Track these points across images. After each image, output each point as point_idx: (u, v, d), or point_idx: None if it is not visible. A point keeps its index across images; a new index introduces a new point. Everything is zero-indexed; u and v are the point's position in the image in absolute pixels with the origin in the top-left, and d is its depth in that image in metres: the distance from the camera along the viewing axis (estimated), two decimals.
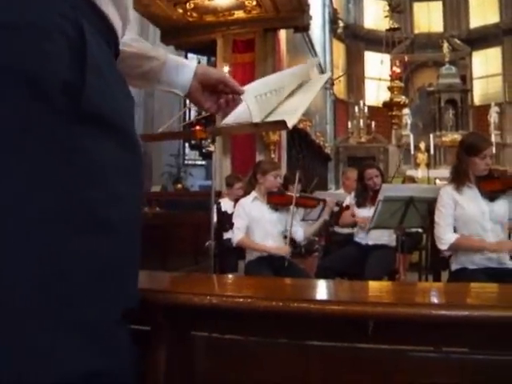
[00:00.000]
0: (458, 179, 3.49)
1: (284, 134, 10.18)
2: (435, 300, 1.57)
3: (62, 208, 0.90)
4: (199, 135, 1.56)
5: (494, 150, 11.51)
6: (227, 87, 1.48)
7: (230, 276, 3.91)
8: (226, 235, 4.52)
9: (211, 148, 3.51)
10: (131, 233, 1.06)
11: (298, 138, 12.66)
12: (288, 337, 1.42)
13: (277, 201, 4.26)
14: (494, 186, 3.42)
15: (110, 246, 0.97)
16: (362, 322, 1.32)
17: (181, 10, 9.69)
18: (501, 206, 3.42)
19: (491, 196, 3.43)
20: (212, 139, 3.09)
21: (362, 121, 20.77)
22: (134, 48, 1.37)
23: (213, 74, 1.47)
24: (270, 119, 1.45)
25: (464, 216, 3.41)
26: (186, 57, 18.13)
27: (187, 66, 1.45)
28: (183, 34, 10.56)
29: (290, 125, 1.44)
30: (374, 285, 2.25)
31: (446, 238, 3.42)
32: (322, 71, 17.87)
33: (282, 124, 1.41)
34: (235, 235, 4.17)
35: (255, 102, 1.43)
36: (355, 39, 23.13)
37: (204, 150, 10.60)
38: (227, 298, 1.37)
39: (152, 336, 1.39)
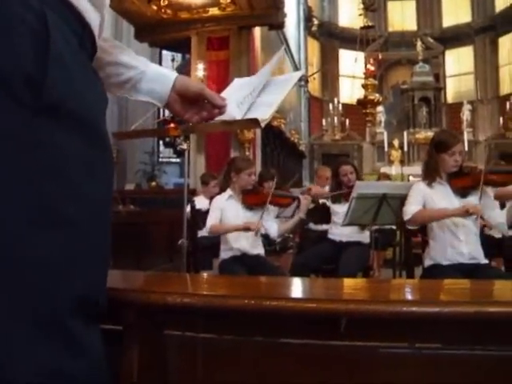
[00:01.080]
0: (430, 176, 3.53)
1: (258, 131, 10.18)
2: (407, 297, 1.58)
3: (19, 201, 0.89)
4: (172, 133, 1.55)
5: (466, 147, 11.66)
6: (207, 100, 1.45)
7: (203, 274, 3.90)
8: (201, 233, 4.50)
9: (184, 146, 3.48)
10: (94, 229, 1.04)
11: (273, 135, 12.68)
12: (263, 335, 1.42)
13: (251, 201, 4.24)
14: (464, 183, 3.46)
15: (68, 241, 0.96)
16: (335, 319, 1.32)
17: (155, 7, 9.63)
18: (472, 201, 3.45)
19: (462, 192, 3.46)
20: (185, 137, 3.07)
21: (336, 118, 20.88)
22: (114, 55, 1.35)
23: (191, 87, 1.44)
24: (242, 117, 1.45)
25: None
26: (160, 54, 18.06)
27: (166, 77, 1.43)
28: (157, 31, 10.48)
29: (262, 123, 1.44)
30: (347, 282, 2.26)
31: (409, 209, 3.47)
32: (297, 69, 17.93)
33: (254, 122, 1.41)
34: (208, 223, 4.15)
35: (239, 111, 1.44)
36: (330, 37, 23.24)
37: (178, 148, 10.56)
38: (199, 297, 1.37)
39: (124, 335, 1.38)
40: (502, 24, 21.78)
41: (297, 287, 1.79)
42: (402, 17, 24.24)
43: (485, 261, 3.53)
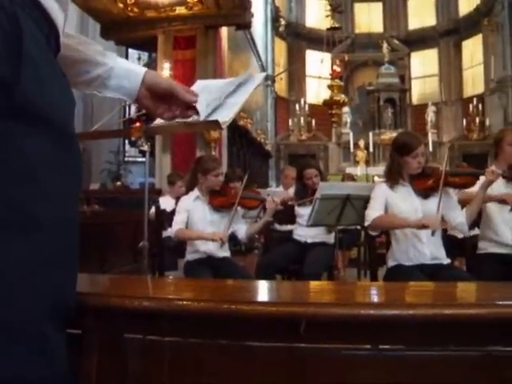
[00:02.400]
0: (392, 178, 3.54)
1: (225, 131, 10.17)
2: (366, 299, 1.59)
3: None
4: (134, 134, 1.53)
5: (430, 148, 11.80)
6: (178, 97, 1.42)
7: (164, 277, 3.87)
8: (166, 234, 4.47)
9: (144, 147, 3.44)
10: (63, 232, 1.03)
11: (239, 135, 12.68)
12: (227, 338, 1.41)
13: (218, 203, 4.20)
14: (426, 184, 3.49)
15: (36, 245, 0.94)
16: (295, 322, 1.32)
17: (121, 5, 9.54)
18: (433, 203, 3.47)
19: (424, 193, 3.50)
20: (146, 138, 3.02)
21: (302, 118, 20.97)
22: (82, 53, 1.33)
23: (161, 83, 1.42)
24: (203, 118, 1.45)
25: (398, 213, 3.47)
26: (126, 52, 17.92)
27: (135, 73, 1.40)
28: (124, 30, 10.39)
29: (224, 125, 1.43)
30: (309, 284, 2.26)
31: (370, 214, 3.48)
32: (264, 69, 17.95)
33: (215, 124, 1.41)
34: (173, 228, 4.11)
35: (207, 111, 1.43)
36: (297, 38, 23.30)
37: (143, 149, 10.48)
38: (158, 301, 1.36)
39: (83, 340, 1.37)
40: (465, 28, 22.21)
41: (259, 290, 1.79)
42: (369, 19, 24.42)
43: (447, 261, 3.57)
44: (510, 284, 2.24)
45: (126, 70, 1.40)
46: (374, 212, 3.49)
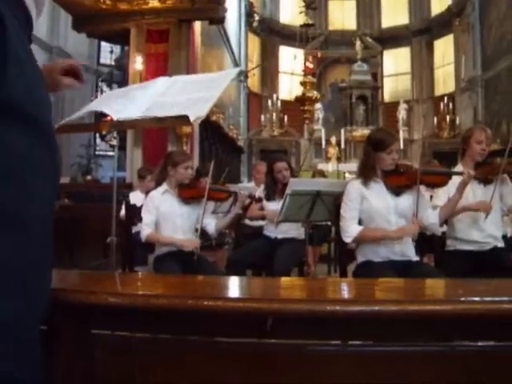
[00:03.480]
0: (365, 174, 3.56)
1: (197, 126, 10.12)
2: (333, 296, 1.60)
3: None
4: (103, 128, 1.51)
5: (401, 146, 11.87)
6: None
7: (132, 273, 3.84)
8: (135, 229, 4.44)
9: (113, 142, 3.41)
10: (45, 231, 1.02)
11: (211, 130, 12.63)
12: (198, 334, 1.41)
13: (188, 195, 4.20)
14: (399, 181, 3.51)
15: (21, 243, 0.93)
16: (261, 318, 1.33)
17: None
18: (405, 200, 3.52)
19: (397, 191, 3.52)
20: (116, 132, 2.97)
21: (274, 114, 20.99)
22: None
23: (57, 64, 1.46)
24: (174, 113, 1.44)
25: (370, 210, 3.49)
26: (99, 45, 17.75)
27: None
28: (96, 22, 10.25)
29: (198, 120, 1.43)
30: (279, 281, 2.27)
31: (350, 230, 3.48)
32: (237, 64, 17.92)
33: (185, 119, 1.40)
34: (143, 231, 4.09)
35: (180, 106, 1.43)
36: (270, 33, 23.28)
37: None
38: (124, 297, 1.35)
39: (50, 336, 1.35)
40: (437, 27, 22.52)
41: (227, 286, 1.79)
42: (343, 16, 24.54)
43: (416, 258, 3.61)
44: (476, 280, 2.27)
45: None
46: (351, 226, 3.49)
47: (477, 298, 1.43)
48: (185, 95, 1.52)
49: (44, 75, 1.40)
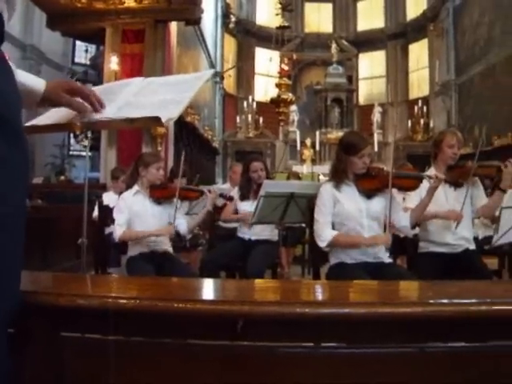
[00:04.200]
0: (337, 177, 3.57)
1: (171, 126, 10.09)
2: (304, 297, 1.60)
3: None
4: (75, 128, 1.50)
5: (376, 149, 11.98)
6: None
7: (104, 275, 3.81)
8: (108, 230, 4.41)
9: (85, 142, 3.39)
10: (15, 230, 1.01)
11: (186, 131, 12.60)
12: (169, 336, 1.40)
13: (159, 194, 4.20)
14: (371, 185, 3.53)
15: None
16: (233, 321, 1.33)
17: None
18: (377, 203, 3.54)
19: (368, 194, 3.54)
20: (86, 134, 2.94)
21: (250, 116, 20.99)
22: None
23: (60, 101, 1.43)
24: (146, 114, 1.43)
25: (342, 213, 3.50)
26: (74, 44, 17.58)
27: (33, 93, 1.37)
28: (71, 21, 10.14)
29: (171, 121, 1.42)
30: (250, 283, 2.26)
31: (324, 235, 3.49)
32: (213, 65, 17.91)
33: (156, 120, 1.39)
34: (116, 231, 4.07)
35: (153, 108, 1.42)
36: (247, 35, 23.31)
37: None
38: (93, 299, 1.34)
39: (19, 338, 1.34)
40: (412, 32, 22.80)
41: (199, 288, 1.79)
42: (319, 19, 24.66)
43: (389, 260, 3.64)
44: (446, 282, 2.29)
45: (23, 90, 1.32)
46: (326, 231, 3.50)
47: (446, 300, 1.45)
48: (158, 96, 1.51)
49: (50, 89, 1.38)
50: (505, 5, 16.06)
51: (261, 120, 20.95)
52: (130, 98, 1.49)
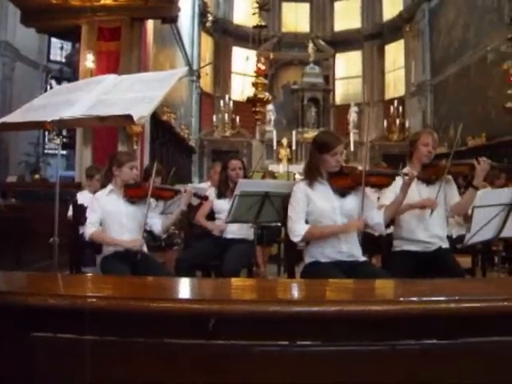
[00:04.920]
0: (311, 175, 3.59)
1: (147, 125, 10.03)
2: (276, 296, 1.61)
3: None
4: (46, 126, 1.48)
5: (352, 148, 12.07)
6: None
7: (77, 275, 3.78)
8: (83, 229, 4.37)
9: (56, 140, 3.35)
10: None
11: (162, 129, 12.55)
12: (143, 336, 1.40)
13: (133, 193, 4.16)
14: (344, 182, 3.56)
15: None
16: (206, 319, 1.32)
17: None
18: (351, 201, 3.56)
19: (342, 192, 3.56)
20: (57, 132, 2.88)
21: (227, 115, 20.94)
22: None
23: None
24: (118, 112, 1.43)
25: (316, 211, 3.52)
26: (49, 41, 17.40)
27: None
28: (46, 17, 9.96)
29: (142, 119, 1.42)
30: (224, 282, 2.26)
31: (297, 230, 3.50)
32: (189, 64, 17.86)
33: (128, 119, 1.39)
34: (87, 229, 4.04)
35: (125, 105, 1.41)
36: (224, 34, 23.27)
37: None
38: (65, 298, 1.33)
39: None
40: (388, 32, 23.00)
41: (173, 288, 1.78)
42: (296, 18, 24.72)
43: (363, 258, 3.67)
44: (417, 281, 2.31)
45: None
46: (298, 226, 3.51)
47: (415, 298, 1.46)
48: (130, 94, 1.50)
49: None
50: (479, 7, 16.28)
51: (237, 119, 20.92)
52: (101, 95, 1.48)
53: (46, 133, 15.83)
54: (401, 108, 20.93)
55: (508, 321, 1.53)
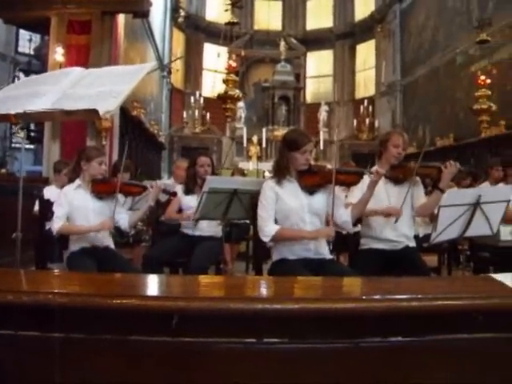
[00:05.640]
0: (280, 173, 3.60)
1: (117, 120, 9.94)
2: (240, 294, 1.61)
3: None
4: (11, 119, 1.45)
5: (321, 146, 12.15)
6: None
7: (41, 271, 3.73)
8: (49, 224, 4.32)
9: (20, 134, 3.29)
10: None
11: (132, 125, 12.46)
12: (109, 333, 1.39)
13: (101, 189, 4.12)
14: (313, 181, 3.57)
15: None
16: (168, 316, 1.32)
17: None
18: (319, 199, 3.58)
19: (310, 190, 3.58)
20: (23, 125, 2.82)
21: (197, 111, 20.84)
22: None
23: None
24: (84, 107, 1.41)
25: (284, 208, 3.53)
26: (17, 33, 17.13)
27: None
28: (14, 8, 9.76)
29: (108, 114, 1.40)
30: (191, 279, 2.25)
31: (267, 229, 3.51)
32: (160, 59, 17.76)
33: (94, 113, 1.38)
34: (54, 224, 3.98)
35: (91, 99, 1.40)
36: (196, 30, 23.20)
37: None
38: (26, 295, 1.31)
39: None
40: (360, 32, 23.23)
41: (139, 284, 1.77)
42: (268, 16, 24.79)
43: (330, 256, 3.69)
44: (382, 279, 2.33)
45: None
46: (269, 226, 3.52)
47: (378, 296, 1.47)
48: (96, 88, 1.49)
49: None
50: (449, 10, 16.51)
51: (208, 116, 20.83)
52: (68, 89, 1.46)
53: (13, 126, 15.61)
54: (370, 107, 21.09)
55: (469, 319, 1.55)
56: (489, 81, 13.00)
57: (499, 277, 1.92)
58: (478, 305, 1.55)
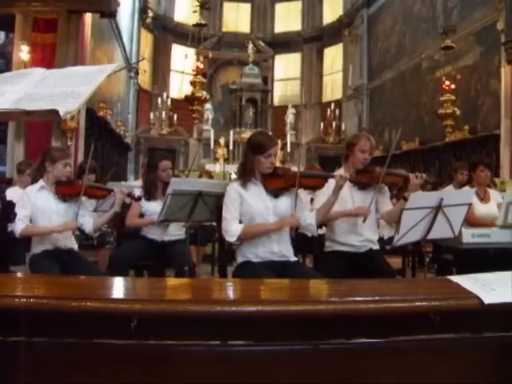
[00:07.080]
0: (245, 176, 3.61)
1: (82, 121, 9.84)
2: (199, 296, 1.61)
3: None
4: None
5: (288, 149, 12.20)
6: None
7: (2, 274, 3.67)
8: (12, 226, 4.25)
9: None
10: None
11: (98, 125, 12.35)
12: (73, 336, 1.37)
13: (65, 191, 4.07)
14: (277, 184, 3.59)
15: None
16: (127, 319, 1.31)
17: None
18: (284, 202, 3.60)
19: (275, 193, 3.59)
20: None
21: (164, 112, 20.73)
22: None
23: None
24: (44, 107, 1.39)
25: (249, 211, 3.54)
26: None
27: None
28: None
29: (69, 114, 1.39)
30: (153, 281, 2.24)
31: (232, 230, 3.51)
32: (128, 60, 17.63)
33: (54, 113, 1.36)
34: (17, 225, 3.92)
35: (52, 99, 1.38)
36: (164, 31, 23.12)
37: None
38: None
39: None
40: (327, 36, 23.49)
41: (101, 287, 1.75)
42: (237, 19, 24.84)
43: (294, 258, 3.71)
44: (342, 281, 2.36)
45: None
46: (233, 226, 3.52)
47: (336, 299, 1.49)
48: (57, 88, 1.47)
49: None
50: (415, 16, 16.75)
51: (175, 117, 20.74)
52: (28, 89, 1.44)
53: None
54: (337, 111, 21.28)
55: (427, 320, 1.58)
56: (453, 86, 13.21)
57: (456, 278, 1.95)
58: (435, 306, 1.58)
